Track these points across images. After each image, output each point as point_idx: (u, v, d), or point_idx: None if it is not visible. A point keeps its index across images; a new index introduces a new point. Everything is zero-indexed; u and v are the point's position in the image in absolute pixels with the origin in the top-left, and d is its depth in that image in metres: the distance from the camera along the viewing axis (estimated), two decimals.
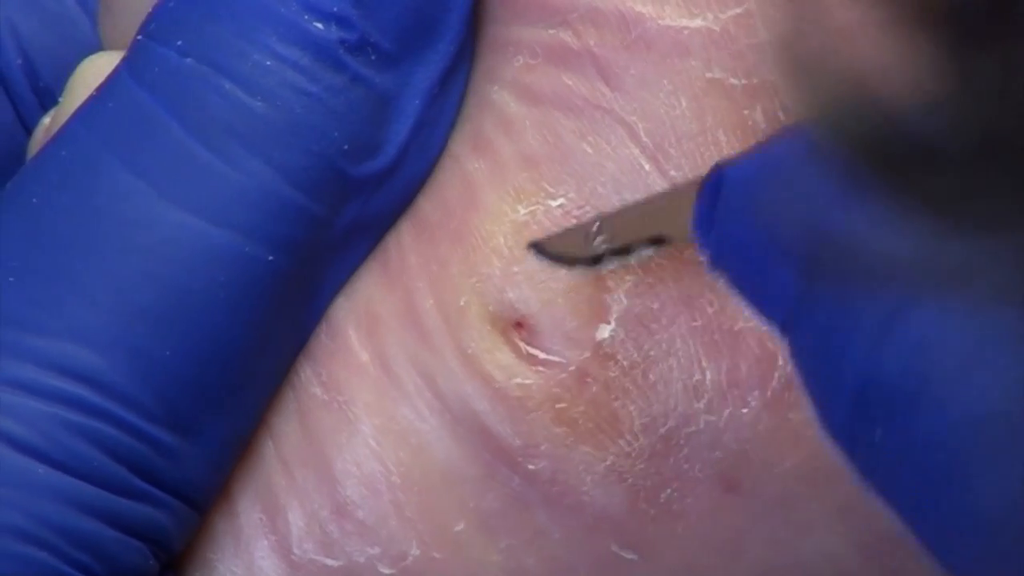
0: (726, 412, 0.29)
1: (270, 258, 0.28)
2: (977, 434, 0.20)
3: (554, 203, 0.29)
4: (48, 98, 0.35)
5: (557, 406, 0.29)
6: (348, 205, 0.29)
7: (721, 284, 0.25)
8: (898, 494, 0.21)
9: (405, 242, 0.30)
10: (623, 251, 0.28)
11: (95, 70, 0.31)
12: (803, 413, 0.28)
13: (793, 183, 0.23)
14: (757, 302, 0.24)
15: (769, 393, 0.29)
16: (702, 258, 0.25)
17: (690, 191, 0.26)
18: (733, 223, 0.24)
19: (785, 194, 0.23)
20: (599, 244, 0.28)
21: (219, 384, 0.28)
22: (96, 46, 0.33)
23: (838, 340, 0.22)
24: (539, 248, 0.29)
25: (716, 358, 0.29)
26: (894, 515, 0.22)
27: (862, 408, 0.21)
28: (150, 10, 0.29)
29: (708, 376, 0.29)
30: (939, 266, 0.21)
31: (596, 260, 0.28)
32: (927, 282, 0.21)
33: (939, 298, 0.21)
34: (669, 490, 0.29)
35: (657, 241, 0.28)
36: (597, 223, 0.28)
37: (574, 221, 0.29)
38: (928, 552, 0.21)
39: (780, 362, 0.29)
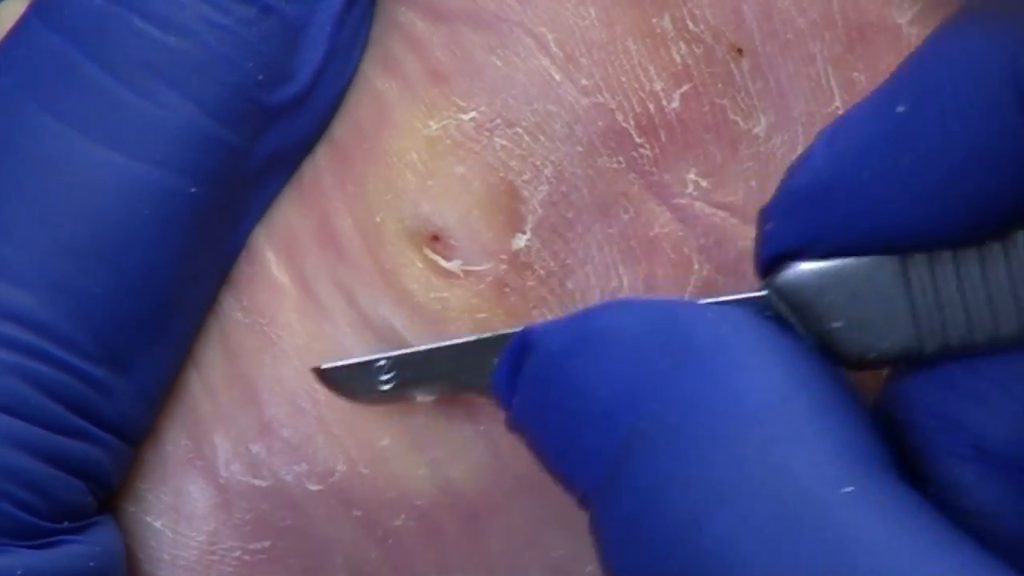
0: None
1: (192, 190, 0.28)
2: None
3: (466, 116, 0.29)
4: None
5: (476, 316, 0.29)
6: (265, 134, 0.29)
7: (522, 442, 0.25)
8: None
9: (320, 164, 0.30)
10: (406, 392, 0.28)
11: (1, 20, 0.31)
12: None
13: (614, 360, 0.23)
14: (560, 469, 0.24)
15: (687, 297, 0.29)
16: (502, 414, 0.26)
17: (481, 347, 0.27)
18: (540, 389, 0.24)
19: (603, 370, 0.23)
20: (385, 381, 0.28)
21: (149, 317, 0.28)
22: None
23: (649, 522, 0.22)
24: (325, 376, 0.29)
25: (633, 264, 0.29)
26: None
27: None
28: None
29: (625, 282, 0.29)
30: None
31: (377, 396, 0.28)
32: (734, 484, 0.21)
33: (753, 502, 0.21)
34: None
35: (445, 391, 0.28)
36: (385, 361, 0.28)
37: (487, 134, 0.29)
38: None
39: (696, 267, 0.29)
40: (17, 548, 0.27)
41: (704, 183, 0.29)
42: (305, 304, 0.30)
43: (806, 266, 0.24)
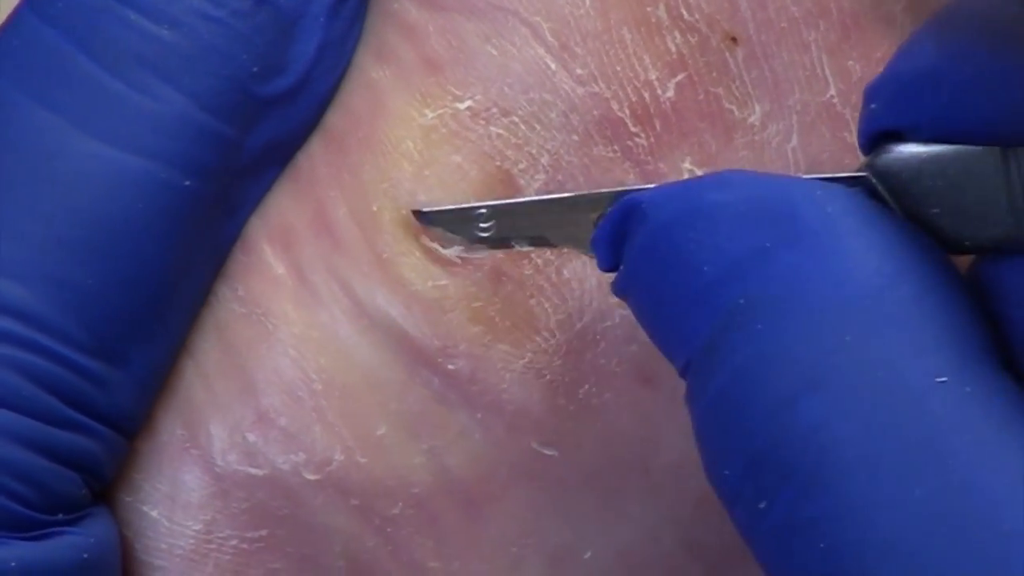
0: None
1: (187, 183, 0.28)
2: (865, 530, 0.21)
3: (461, 106, 0.29)
4: None
5: (473, 305, 0.29)
6: (259, 126, 0.29)
7: (627, 310, 0.25)
8: (766, 558, 0.22)
9: (315, 154, 0.30)
10: (503, 243, 0.28)
11: None
12: None
13: (720, 234, 0.23)
14: (663, 338, 0.24)
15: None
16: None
17: (584, 206, 0.27)
18: (649, 258, 0.24)
19: (710, 244, 0.23)
20: (483, 229, 0.28)
21: (144, 310, 0.28)
22: None
23: (740, 400, 0.22)
24: (423, 217, 0.29)
25: None
26: (762, 569, 0.22)
27: (752, 473, 0.22)
28: None
29: None
30: None
31: (473, 242, 0.29)
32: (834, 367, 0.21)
33: (845, 389, 0.21)
34: (587, 385, 0.30)
35: (539, 242, 0.28)
36: (485, 209, 0.28)
37: (483, 123, 0.29)
38: None
39: None
40: (11, 540, 0.27)
41: (699, 172, 0.30)
42: (301, 294, 0.30)
43: (907, 149, 0.24)
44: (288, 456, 0.29)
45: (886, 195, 0.24)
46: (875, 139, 0.24)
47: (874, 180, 0.24)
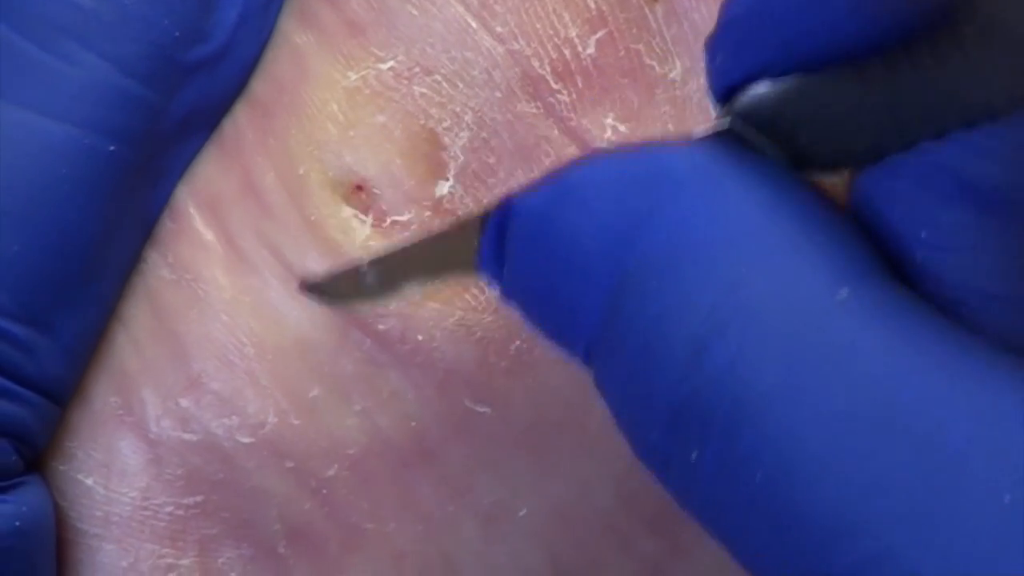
0: None
1: (111, 148, 0.28)
2: (796, 451, 0.20)
3: (384, 66, 0.30)
4: None
5: None
6: (183, 91, 0.29)
7: (514, 316, 0.25)
8: (712, 514, 0.22)
9: (240, 120, 0.30)
10: (393, 288, 0.28)
11: None
12: None
13: (596, 208, 0.23)
14: (557, 331, 0.24)
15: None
16: (493, 293, 0.25)
17: (460, 231, 0.26)
18: (528, 255, 0.24)
19: (587, 221, 0.23)
20: (370, 283, 0.28)
21: (71, 277, 0.28)
22: None
23: (650, 361, 0.22)
24: (311, 288, 0.29)
25: None
26: (711, 534, 0.22)
27: (677, 429, 0.22)
28: None
29: None
30: None
31: (366, 297, 0.28)
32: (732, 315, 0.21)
33: (750, 322, 0.21)
34: (518, 342, 0.30)
35: (431, 277, 0.27)
36: (367, 262, 0.28)
37: (405, 82, 0.30)
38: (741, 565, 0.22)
39: None
40: None
41: (622, 127, 0.30)
42: (231, 259, 0.30)
43: (761, 87, 0.23)
44: (221, 420, 0.29)
45: (752, 135, 0.24)
46: (728, 93, 0.24)
47: (738, 125, 0.24)
